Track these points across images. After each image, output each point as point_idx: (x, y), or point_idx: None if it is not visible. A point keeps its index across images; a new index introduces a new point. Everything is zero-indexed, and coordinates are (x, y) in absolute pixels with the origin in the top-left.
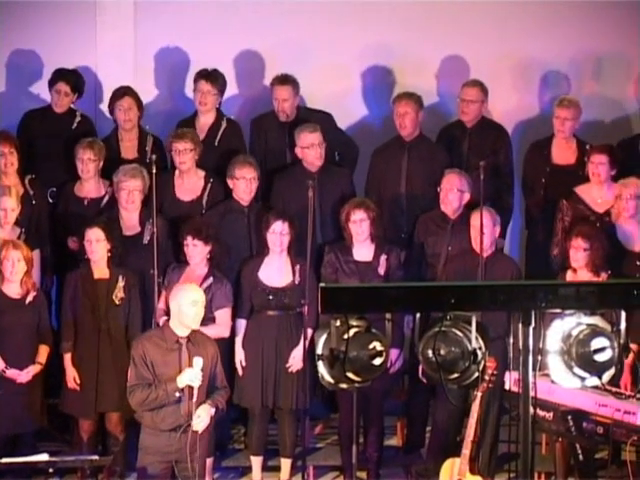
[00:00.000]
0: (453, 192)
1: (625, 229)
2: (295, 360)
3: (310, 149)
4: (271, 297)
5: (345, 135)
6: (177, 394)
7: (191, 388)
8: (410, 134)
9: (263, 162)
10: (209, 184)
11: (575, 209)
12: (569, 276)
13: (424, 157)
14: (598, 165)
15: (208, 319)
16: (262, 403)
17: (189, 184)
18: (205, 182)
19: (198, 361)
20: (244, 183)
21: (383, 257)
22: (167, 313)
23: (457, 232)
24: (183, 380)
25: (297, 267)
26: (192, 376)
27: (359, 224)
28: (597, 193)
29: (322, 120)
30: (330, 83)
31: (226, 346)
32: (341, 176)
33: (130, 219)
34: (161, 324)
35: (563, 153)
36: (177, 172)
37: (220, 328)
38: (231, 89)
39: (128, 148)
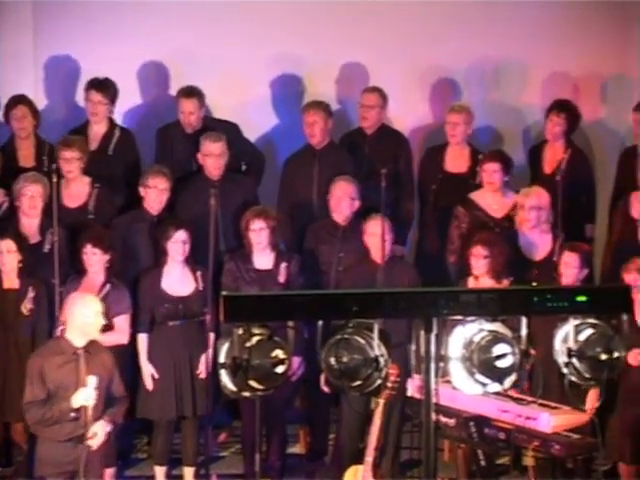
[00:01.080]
0: (344, 200)
1: (527, 238)
2: (204, 366)
3: (209, 157)
4: (180, 306)
5: (251, 145)
6: (72, 414)
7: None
8: (320, 142)
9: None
10: (95, 190)
11: (472, 215)
12: (470, 283)
13: (334, 165)
14: (492, 173)
15: (106, 326)
16: (176, 413)
17: (75, 191)
18: (90, 188)
19: (92, 380)
20: (155, 193)
21: (283, 265)
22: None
23: (348, 239)
24: (78, 400)
25: (198, 274)
26: (86, 396)
27: (258, 233)
28: (492, 200)
29: (228, 130)
30: (239, 92)
31: (125, 354)
32: (244, 184)
33: (31, 227)
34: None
35: (456, 161)
36: (64, 180)
37: (119, 335)
38: (135, 98)
39: (26, 157)
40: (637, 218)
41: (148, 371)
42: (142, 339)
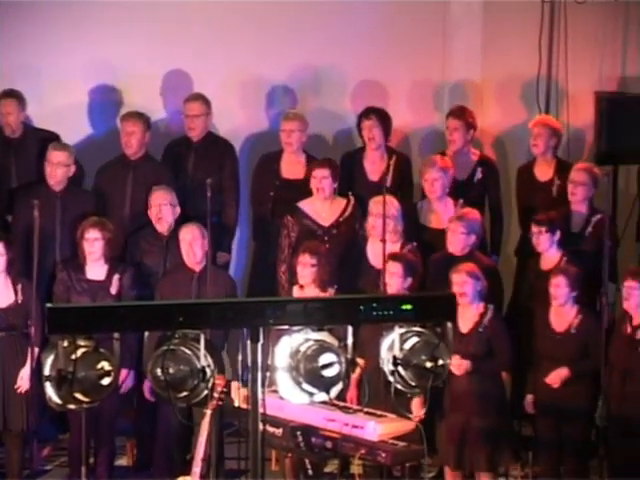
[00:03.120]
0: (166, 206)
1: (372, 246)
2: (23, 380)
3: (53, 166)
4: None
5: None
6: None
7: None
8: (135, 153)
9: None
10: None
11: (301, 224)
12: (296, 292)
13: (148, 176)
14: (322, 179)
15: None
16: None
17: None
18: None
19: None
20: None
21: (116, 277)
22: None
23: (172, 248)
24: None
25: (19, 286)
26: None
27: (92, 243)
28: (321, 207)
29: (47, 139)
30: (57, 100)
31: None
32: (84, 196)
33: None
34: None
35: (292, 168)
36: None
37: None
38: None
39: None
40: (429, 225)
41: None
42: None
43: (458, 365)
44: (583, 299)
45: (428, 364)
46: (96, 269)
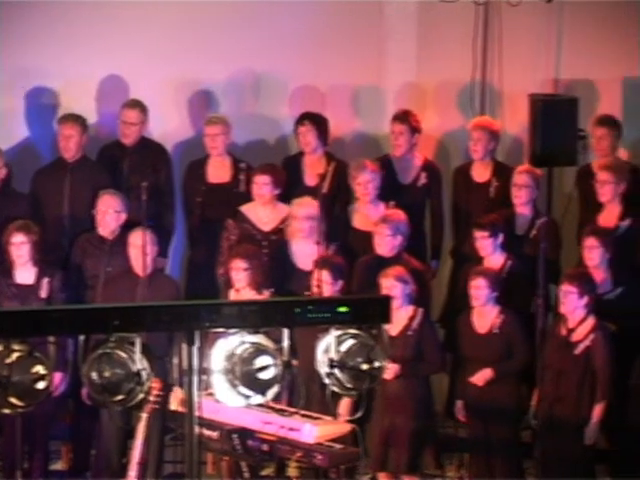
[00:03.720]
0: (109, 213)
1: (298, 248)
2: None
3: None
4: None
5: None
6: None
7: None
8: (73, 156)
9: None
10: None
11: (241, 228)
12: (232, 295)
13: (86, 179)
14: (262, 186)
15: None
16: None
17: None
18: None
19: None
20: None
21: (45, 280)
22: None
23: (115, 253)
24: None
25: None
26: None
27: (19, 246)
28: (262, 213)
29: None
30: None
31: None
32: (16, 198)
33: None
34: None
35: (218, 172)
36: None
37: None
38: None
39: None
40: (359, 228)
41: None
42: None
43: (388, 369)
44: (520, 301)
45: (364, 366)
46: (25, 273)
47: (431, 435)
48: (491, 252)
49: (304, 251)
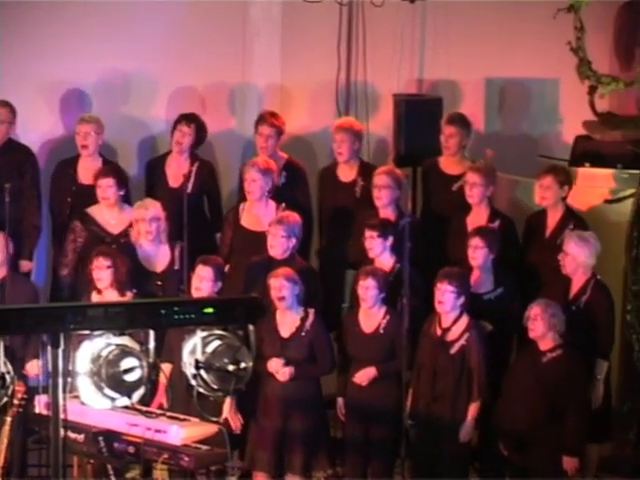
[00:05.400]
0: None
1: (146, 251)
2: None
3: None
4: None
5: None
6: None
7: None
8: None
9: None
10: None
11: (89, 230)
12: (95, 297)
13: None
14: (106, 188)
15: None
16: None
17: None
18: None
19: None
20: None
21: None
22: None
23: None
24: None
25: None
26: None
27: None
28: (109, 215)
29: None
30: None
31: None
32: None
33: None
34: None
35: (88, 172)
36: None
37: None
38: None
39: None
40: (248, 227)
41: None
42: None
43: (282, 372)
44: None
45: (230, 367)
46: None
47: (324, 436)
48: (380, 253)
49: (151, 253)
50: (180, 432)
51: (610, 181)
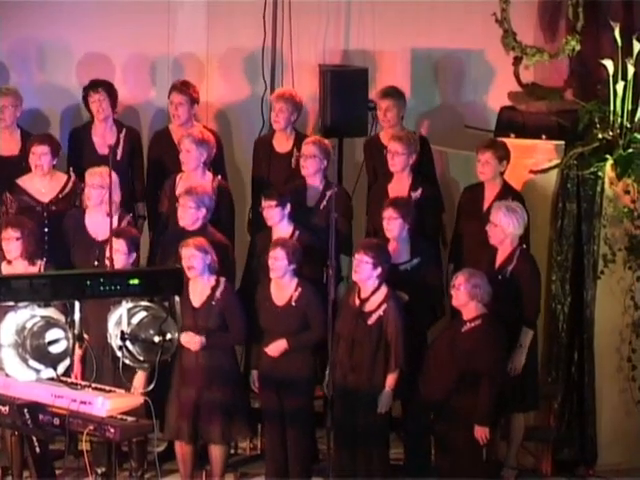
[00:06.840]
0: None
1: (91, 218)
2: None
3: None
4: None
5: None
6: None
7: None
8: None
9: None
10: None
11: (20, 200)
12: (5, 268)
13: None
14: (41, 156)
15: None
16: None
17: None
18: None
19: None
20: None
21: None
22: None
23: None
24: None
25: None
26: None
27: None
28: (40, 184)
29: None
30: None
31: None
32: None
33: None
34: None
35: (7, 144)
36: None
37: None
38: None
39: None
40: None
41: None
42: None
43: (194, 342)
44: (310, 273)
45: (156, 338)
46: None
47: (241, 405)
48: (278, 222)
49: (96, 221)
50: (105, 404)
51: (535, 152)
